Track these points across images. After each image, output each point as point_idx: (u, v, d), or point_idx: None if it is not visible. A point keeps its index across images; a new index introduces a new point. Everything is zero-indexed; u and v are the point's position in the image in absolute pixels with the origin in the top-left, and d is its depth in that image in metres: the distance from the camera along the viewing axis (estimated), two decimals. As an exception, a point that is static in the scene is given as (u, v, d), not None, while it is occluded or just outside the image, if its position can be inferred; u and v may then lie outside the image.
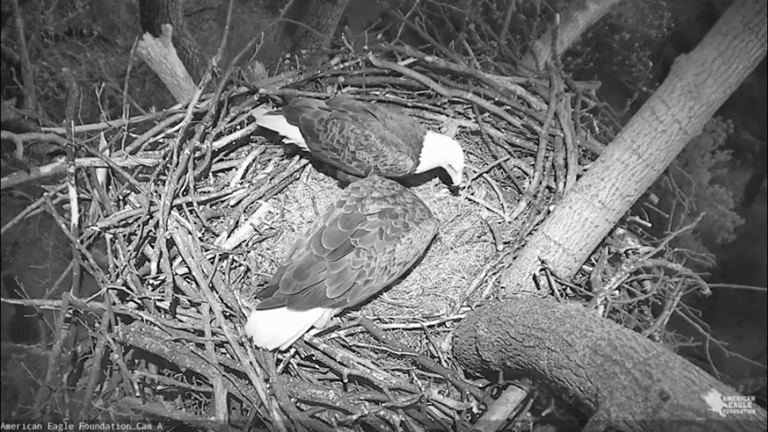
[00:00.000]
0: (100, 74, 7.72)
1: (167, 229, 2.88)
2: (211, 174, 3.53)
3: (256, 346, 2.69)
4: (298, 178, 3.63)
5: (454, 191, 3.60)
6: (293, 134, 3.34)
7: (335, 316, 2.94)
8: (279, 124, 3.38)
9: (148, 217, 2.94)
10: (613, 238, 3.20)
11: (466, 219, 3.49)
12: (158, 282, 2.95)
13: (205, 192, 3.36)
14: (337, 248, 2.71)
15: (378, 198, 2.92)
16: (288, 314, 2.70)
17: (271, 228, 3.34)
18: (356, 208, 2.84)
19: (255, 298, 2.77)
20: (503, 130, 3.77)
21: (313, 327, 2.80)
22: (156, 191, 3.03)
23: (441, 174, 3.55)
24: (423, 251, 3.03)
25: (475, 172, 3.67)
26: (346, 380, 2.63)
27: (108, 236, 2.90)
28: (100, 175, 3.13)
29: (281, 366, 2.74)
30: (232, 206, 3.35)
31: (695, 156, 9.95)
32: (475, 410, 2.65)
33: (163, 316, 2.82)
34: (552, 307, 2.27)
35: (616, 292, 2.95)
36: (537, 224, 3.21)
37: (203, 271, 2.86)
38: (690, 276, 3.01)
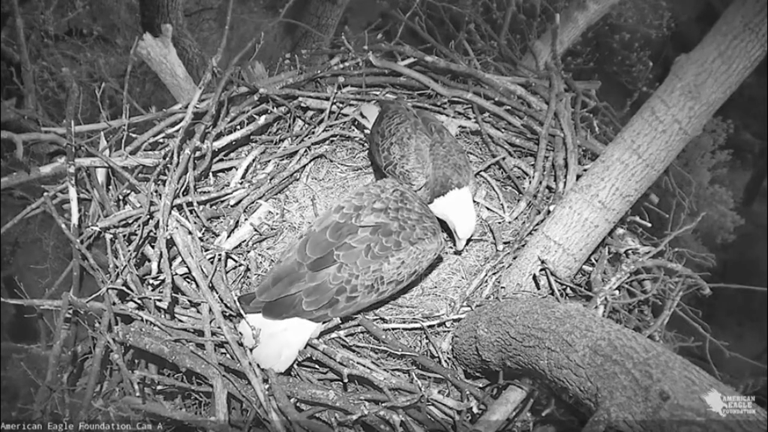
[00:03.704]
0: (100, 74, 7.71)
1: (167, 229, 2.88)
2: (211, 174, 3.53)
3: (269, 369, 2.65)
4: (298, 178, 3.63)
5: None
6: (372, 115, 3.58)
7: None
8: (368, 107, 3.69)
9: (148, 217, 2.94)
10: (613, 238, 3.20)
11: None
12: (158, 282, 2.95)
13: (205, 192, 3.37)
14: (320, 258, 2.62)
15: (378, 209, 2.73)
16: (286, 333, 2.68)
17: (272, 228, 3.34)
18: (351, 218, 2.69)
19: (239, 299, 2.72)
20: (503, 130, 3.78)
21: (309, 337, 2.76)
22: (156, 191, 3.03)
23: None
24: (422, 270, 2.84)
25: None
26: (346, 380, 2.63)
27: (108, 236, 2.89)
28: (100, 175, 3.13)
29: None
30: (232, 206, 3.35)
31: (695, 156, 9.94)
32: (475, 410, 2.65)
33: (163, 316, 2.82)
34: (552, 307, 2.27)
35: (616, 292, 2.95)
36: (537, 224, 3.21)
37: (203, 271, 2.86)
38: (690, 276, 3.02)
